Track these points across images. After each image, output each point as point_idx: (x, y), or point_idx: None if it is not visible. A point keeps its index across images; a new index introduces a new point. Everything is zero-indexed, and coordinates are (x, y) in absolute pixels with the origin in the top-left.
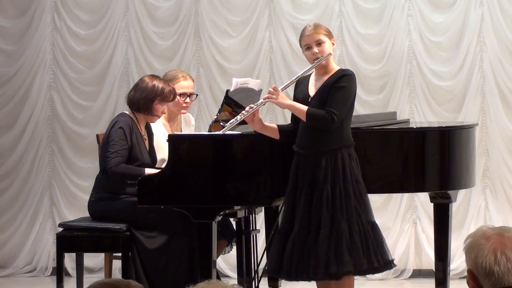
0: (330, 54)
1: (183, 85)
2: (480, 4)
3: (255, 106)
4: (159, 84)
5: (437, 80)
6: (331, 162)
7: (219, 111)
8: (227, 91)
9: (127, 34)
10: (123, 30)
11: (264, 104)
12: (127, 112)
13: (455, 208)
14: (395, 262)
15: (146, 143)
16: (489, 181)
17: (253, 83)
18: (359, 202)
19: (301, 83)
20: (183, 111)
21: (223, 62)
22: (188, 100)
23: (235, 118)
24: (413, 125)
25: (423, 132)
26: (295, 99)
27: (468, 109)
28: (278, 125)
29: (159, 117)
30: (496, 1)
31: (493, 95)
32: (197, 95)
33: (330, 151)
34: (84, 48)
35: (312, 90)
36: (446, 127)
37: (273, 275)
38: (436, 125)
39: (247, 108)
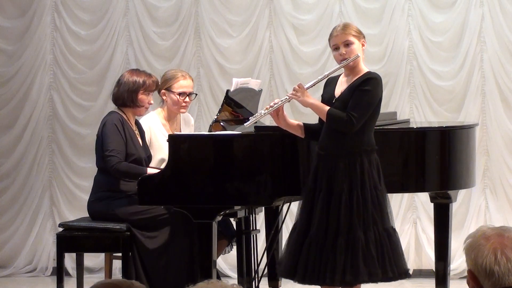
0: (357, 56)
1: (182, 84)
2: (480, 4)
3: (280, 102)
4: (140, 76)
5: (437, 80)
6: (349, 166)
7: (219, 111)
8: (227, 91)
9: (127, 34)
10: (123, 30)
11: (289, 101)
12: (115, 110)
13: (455, 208)
14: None
15: (139, 138)
16: (489, 181)
17: (253, 83)
18: (376, 209)
19: (329, 83)
20: (182, 110)
21: (223, 62)
22: (187, 99)
23: (259, 112)
24: (413, 125)
25: (423, 132)
26: (322, 98)
27: (468, 109)
28: (304, 123)
29: (146, 108)
30: (496, 1)
31: (493, 95)
32: (196, 94)
33: (349, 154)
34: (84, 48)
35: (338, 91)
36: (446, 127)
37: (287, 277)
38: (436, 125)
39: (271, 104)
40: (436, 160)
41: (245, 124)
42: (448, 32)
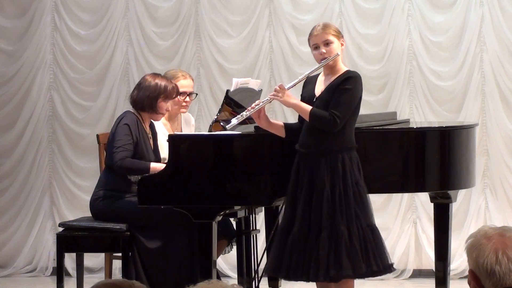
0: (337, 55)
1: (183, 84)
2: (480, 4)
3: (261, 103)
4: (161, 82)
5: (437, 80)
6: (330, 163)
7: (219, 111)
8: (227, 91)
9: (127, 34)
10: (123, 30)
11: (270, 101)
12: (132, 110)
13: (455, 208)
14: (395, 262)
15: (151, 141)
16: (489, 181)
17: (253, 83)
18: (358, 205)
19: (309, 82)
20: (182, 110)
21: (223, 62)
22: (188, 99)
23: (241, 114)
24: (413, 125)
25: (423, 132)
26: (302, 98)
27: (468, 109)
28: (284, 123)
29: (163, 115)
30: (496, 1)
31: (493, 95)
32: (196, 94)
33: (330, 152)
34: (84, 48)
35: (318, 90)
36: (446, 127)
37: (272, 274)
38: (436, 125)
39: (253, 105)
40: (436, 160)
41: (227, 126)
42: (448, 32)
